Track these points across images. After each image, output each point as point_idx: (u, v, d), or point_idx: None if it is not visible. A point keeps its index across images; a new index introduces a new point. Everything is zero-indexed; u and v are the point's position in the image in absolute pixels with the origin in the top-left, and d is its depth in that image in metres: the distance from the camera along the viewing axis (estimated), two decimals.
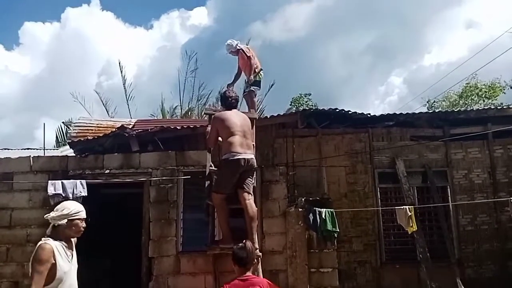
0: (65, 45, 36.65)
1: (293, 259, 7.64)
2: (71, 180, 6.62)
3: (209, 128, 6.37)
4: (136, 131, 7.97)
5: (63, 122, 13.25)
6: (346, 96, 39.03)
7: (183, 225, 7.73)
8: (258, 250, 5.61)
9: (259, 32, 35.34)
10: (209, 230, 7.09)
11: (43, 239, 3.24)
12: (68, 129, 11.19)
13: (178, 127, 8.10)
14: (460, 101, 20.96)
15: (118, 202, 8.25)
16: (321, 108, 8.24)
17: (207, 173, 6.64)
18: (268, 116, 8.71)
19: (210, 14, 43.05)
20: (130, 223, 8.01)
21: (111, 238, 8.26)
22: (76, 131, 10.40)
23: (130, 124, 11.82)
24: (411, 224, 6.94)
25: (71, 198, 6.44)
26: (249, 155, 5.91)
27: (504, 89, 21.15)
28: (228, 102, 6.16)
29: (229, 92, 6.35)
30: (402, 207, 7.12)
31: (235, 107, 6.32)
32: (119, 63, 20.68)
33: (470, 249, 8.47)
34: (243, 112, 6.78)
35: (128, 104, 20.29)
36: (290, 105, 26.07)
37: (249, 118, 6.34)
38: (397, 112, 8.83)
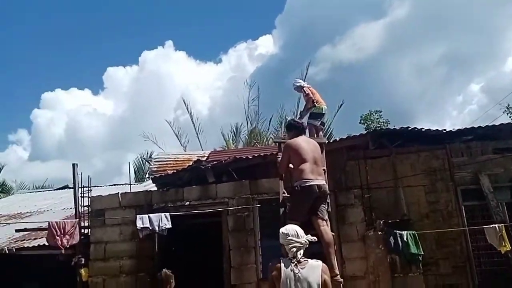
0: (143, 86, 39.53)
1: (376, 284, 7.43)
2: (157, 214, 7.09)
3: (279, 156, 6.51)
4: (212, 163, 8.34)
5: (144, 158, 14.18)
6: (420, 110, 37.41)
7: (261, 252, 7.88)
8: (338, 276, 5.53)
9: (327, 55, 35.28)
10: None
11: (314, 260, 3.84)
12: (149, 164, 11.96)
13: (250, 157, 8.36)
14: None
15: (199, 232, 8.61)
16: (392, 128, 8.04)
17: (280, 200, 6.73)
18: (338, 139, 8.69)
19: (276, 42, 44.06)
20: (210, 252, 8.34)
21: (194, 266, 8.60)
22: (156, 166, 11.12)
23: (205, 156, 12.40)
24: (503, 243, 6.48)
25: (157, 231, 6.90)
26: (321, 181, 5.88)
27: None
28: (298, 129, 6.25)
29: (295, 120, 6.49)
30: (491, 225, 6.69)
31: (304, 134, 6.40)
32: (184, 101, 21.95)
33: None
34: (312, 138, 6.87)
35: (198, 138, 21.35)
36: (360, 123, 25.60)
37: (318, 143, 6.40)
38: (476, 126, 8.35)
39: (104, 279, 8.13)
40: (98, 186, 13.45)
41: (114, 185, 16.66)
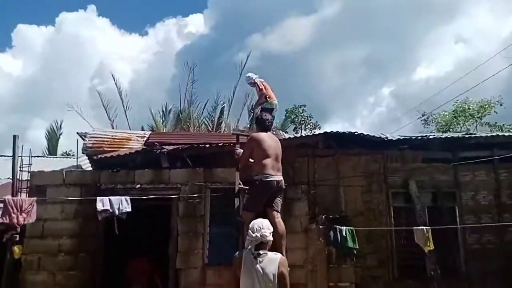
0: (59, 49, 36.93)
1: (313, 274, 8.04)
2: (117, 197, 6.94)
3: (237, 148, 6.73)
4: (164, 148, 8.27)
5: (77, 133, 13.40)
6: (336, 107, 40.01)
7: (209, 239, 8.09)
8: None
9: (257, 44, 36.13)
10: (239, 245, 7.48)
11: (273, 253, 4.25)
12: (83, 139, 11.44)
13: (207, 145, 8.47)
14: (453, 120, 21.72)
15: (147, 214, 8.53)
16: (341, 131, 8.66)
17: (236, 190, 6.96)
18: (292, 137, 9.14)
19: (207, 23, 43.77)
20: (159, 235, 8.35)
21: (140, 248, 8.56)
22: (91, 142, 10.65)
23: (145, 137, 12.17)
24: (428, 244, 7.41)
25: (117, 214, 6.77)
26: (279, 177, 6.25)
27: (494, 107, 21.74)
28: (265, 125, 6.49)
29: (265, 115, 6.75)
30: (420, 227, 7.60)
31: (270, 130, 6.68)
32: (112, 75, 20.71)
33: (477, 267, 8.93)
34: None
35: (126, 114, 20.33)
36: (285, 116, 26.55)
37: None
38: (413, 136, 9.30)
39: (40, 257, 7.75)
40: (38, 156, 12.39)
41: (37, 156, 15.57)
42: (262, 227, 4.39)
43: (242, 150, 6.49)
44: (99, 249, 7.88)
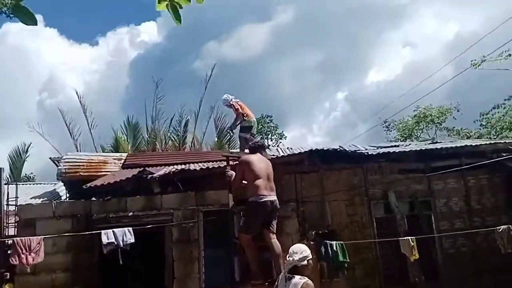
0: (2, 62, 35.10)
1: None
2: (120, 229, 6.90)
3: (228, 170, 6.90)
4: (158, 175, 8.31)
5: (50, 158, 13.04)
6: (294, 112, 40.82)
7: (204, 262, 8.20)
8: None
9: (213, 52, 36.23)
10: (234, 268, 7.65)
11: (299, 277, 3.91)
12: (56, 164, 11.22)
13: (197, 168, 8.58)
14: (415, 126, 22.83)
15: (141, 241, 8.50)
16: (325, 148, 9.06)
17: (230, 208, 7.06)
18: (280, 156, 9.42)
19: (161, 31, 43.46)
20: (153, 261, 8.34)
21: (135, 276, 8.50)
22: (66, 167, 10.48)
23: (122, 159, 12.06)
24: (414, 253, 7.88)
25: (121, 246, 6.73)
26: (273, 196, 6.46)
27: (451, 112, 23.01)
28: (252, 147, 6.71)
29: (253, 138, 6.97)
30: (405, 238, 8.07)
31: (259, 152, 6.89)
32: (77, 93, 19.70)
33: (455, 270, 9.55)
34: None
35: (91, 132, 19.48)
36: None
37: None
38: (391, 150, 9.86)
39: None
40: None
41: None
42: (294, 251, 4.57)
43: (233, 172, 6.67)
44: (95, 281, 7.77)
